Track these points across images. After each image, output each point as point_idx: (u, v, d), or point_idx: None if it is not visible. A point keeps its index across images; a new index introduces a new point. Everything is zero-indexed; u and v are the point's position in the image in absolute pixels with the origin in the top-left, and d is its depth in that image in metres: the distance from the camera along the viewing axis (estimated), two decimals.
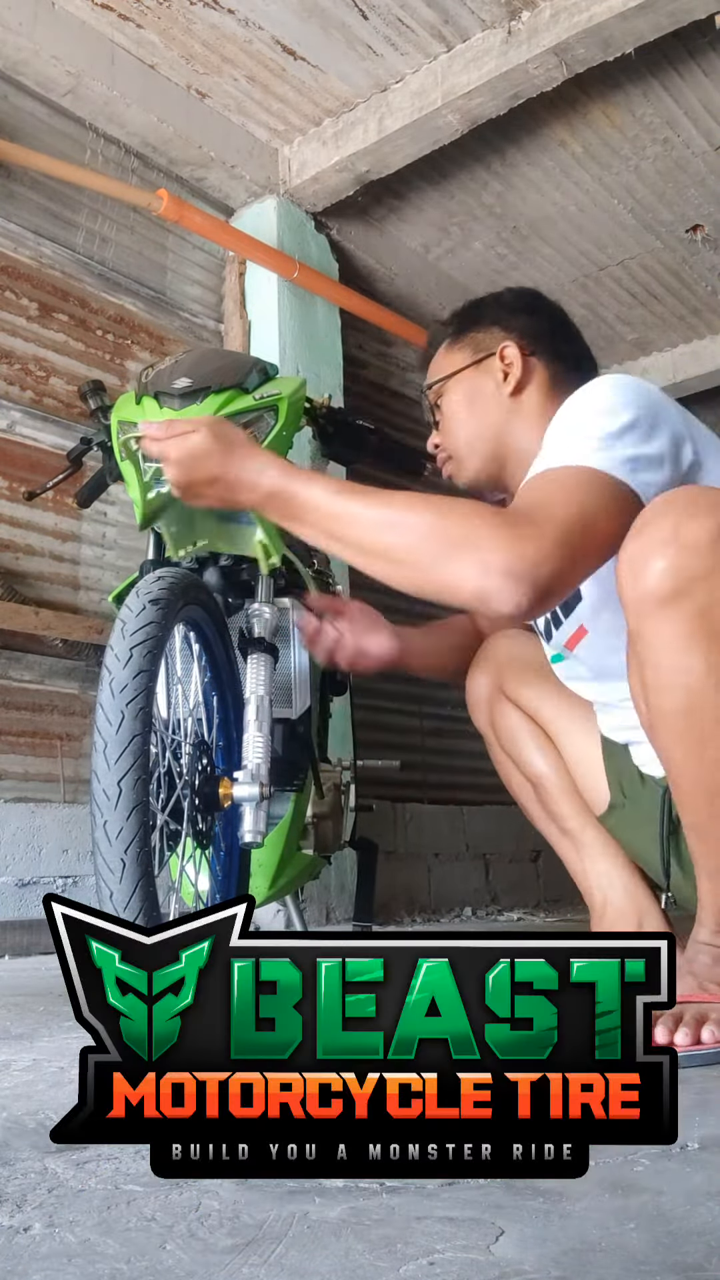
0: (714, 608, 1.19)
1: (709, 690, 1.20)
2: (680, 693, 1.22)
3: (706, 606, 1.19)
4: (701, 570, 1.19)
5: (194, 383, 1.65)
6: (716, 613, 1.19)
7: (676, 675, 1.21)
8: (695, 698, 1.21)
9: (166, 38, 3.45)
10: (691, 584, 1.19)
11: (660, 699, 1.24)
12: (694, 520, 1.20)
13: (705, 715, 1.20)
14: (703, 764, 1.22)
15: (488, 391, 1.63)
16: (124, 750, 1.30)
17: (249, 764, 1.56)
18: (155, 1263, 0.64)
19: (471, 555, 1.20)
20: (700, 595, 1.19)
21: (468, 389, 1.65)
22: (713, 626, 1.19)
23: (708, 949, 1.25)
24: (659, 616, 1.21)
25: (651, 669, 1.25)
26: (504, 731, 1.80)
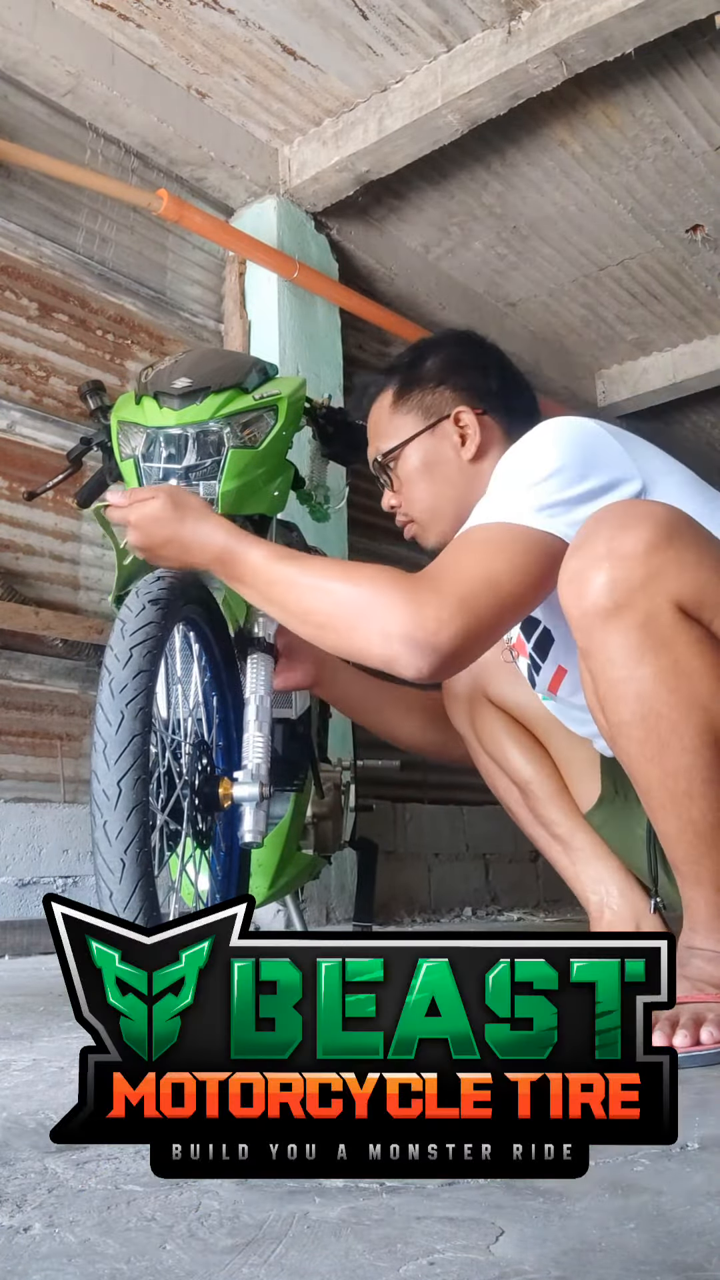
0: (656, 615, 1.20)
1: (662, 697, 1.21)
2: (634, 703, 1.22)
3: (649, 615, 1.20)
4: (639, 580, 1.20)
5: (194, 383, 1.65)
6: (659, 620, 1.20)
7: (628, 686, 1.22)
8: (649, 706, 1.21)
9: (166, 38, 3.45)
10: (631, 595, 1.20)
11: (616, 711, 1.25)
12: (627, 531, 1.21)
13: (661, 723, 1.21)
14: (665, 771, 1.23)
15: (446, 457, 1.64)
16: (124, 750, 1.30)
17: (249, 764, 1.56)
18: (155, 1263, 0.64)
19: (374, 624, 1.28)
20: (641, 605, 1.20)
21: (424, 455, 1.65)
22: (658, 634, 1.20)
23: (700, 952, 1.25)
24: (604, 630, 1.22)
25: (604, 683, 1.26)
26: (486, 734, 1.79)
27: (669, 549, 1.20)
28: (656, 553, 1.20)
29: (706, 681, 1.21)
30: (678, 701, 1.20)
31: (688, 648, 1.21)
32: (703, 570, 1.22)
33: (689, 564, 1.21)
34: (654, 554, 1.20)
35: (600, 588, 1.21)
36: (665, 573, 1.20)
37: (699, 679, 1.20)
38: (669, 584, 1.20)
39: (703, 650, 1.21)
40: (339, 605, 1.32)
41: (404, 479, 1.69)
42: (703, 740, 1.20)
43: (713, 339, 5.57)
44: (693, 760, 1.21)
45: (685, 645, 1.21)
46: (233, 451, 1.62)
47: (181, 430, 1.63)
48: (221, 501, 1.62)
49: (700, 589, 1.21)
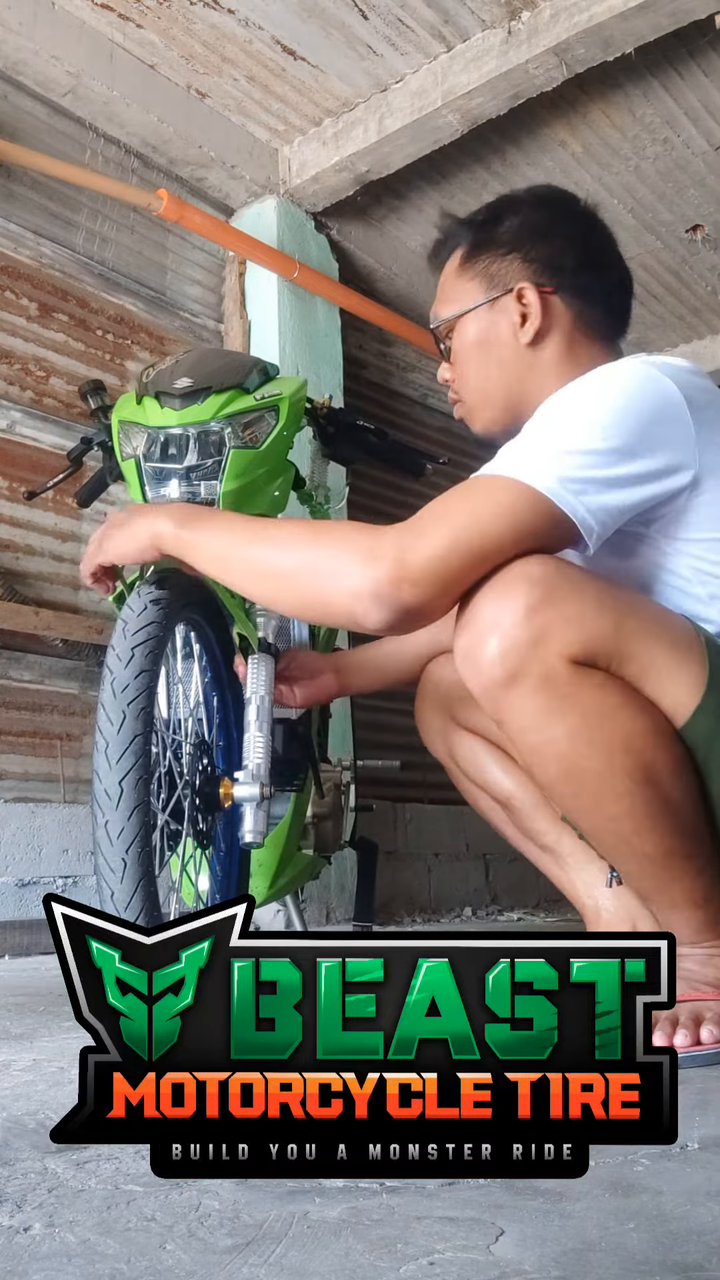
0: (551, 675, 1.19)
1: (581, 751, 1.20)
2: (556, 762, 1.22)
3: (544, 676, 1.19)
4: (526, 644, 1.18)
5: (195, 383, 1.65)
6: (556, 678, 1.19)
7: (547, 748, 1.21)
8: (571, 763, 1.21)
9: (166, 38, 3.45)
10: (522, 660, 1.19)
11: (543, 773, 1.25)
12: (504, 600, 1.19)
13: (588, 775, 1.21)
14: (607, 819, 1.23)
15: (504, 337, 1.49)
16: (125, 750, 1.30)
17: (250, 764, 1.56)
18: (155, 1263, 0.64)
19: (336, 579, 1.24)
20: (535, 668, 1.19)
21: (481, 329, 1.50)
22: (559, 691, 1.19)
23: (693, 955, 1.26)
24: (508, 699, 1.21)
25: (523, 749, 1.25)
26: (465, 760, 1.78)
27: (548, 607, 1.18)
28: (536, 613, 1.18)
29: (621, 723, 1.20)
30: (597, 751, 1.20)
31: (591, 696, 1.20)
32: (586, 619, 1.20)
33: (572, 617, 1.19)
34: (534, 615, 1.18)
35: (493, 660, 1.19)
36: (550, 631, 1.18)
37: (612, 724, 1.20)
38: (556, 642, 1.18)
39: (607, 694, 1.20)
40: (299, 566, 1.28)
41: (458, 353, 1.54)
42: (633, 780, 1.20)
43: (713, 339, 5.57)
44: (630, 802, 1.20)
45: (589, 694, 1.20)
46: (234, 452, 1.62)
47: (183, 430, 1.63)
48: (223, 501, 1.62)
49: (589, 637, 1.20)
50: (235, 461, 1.62)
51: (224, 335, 3.98)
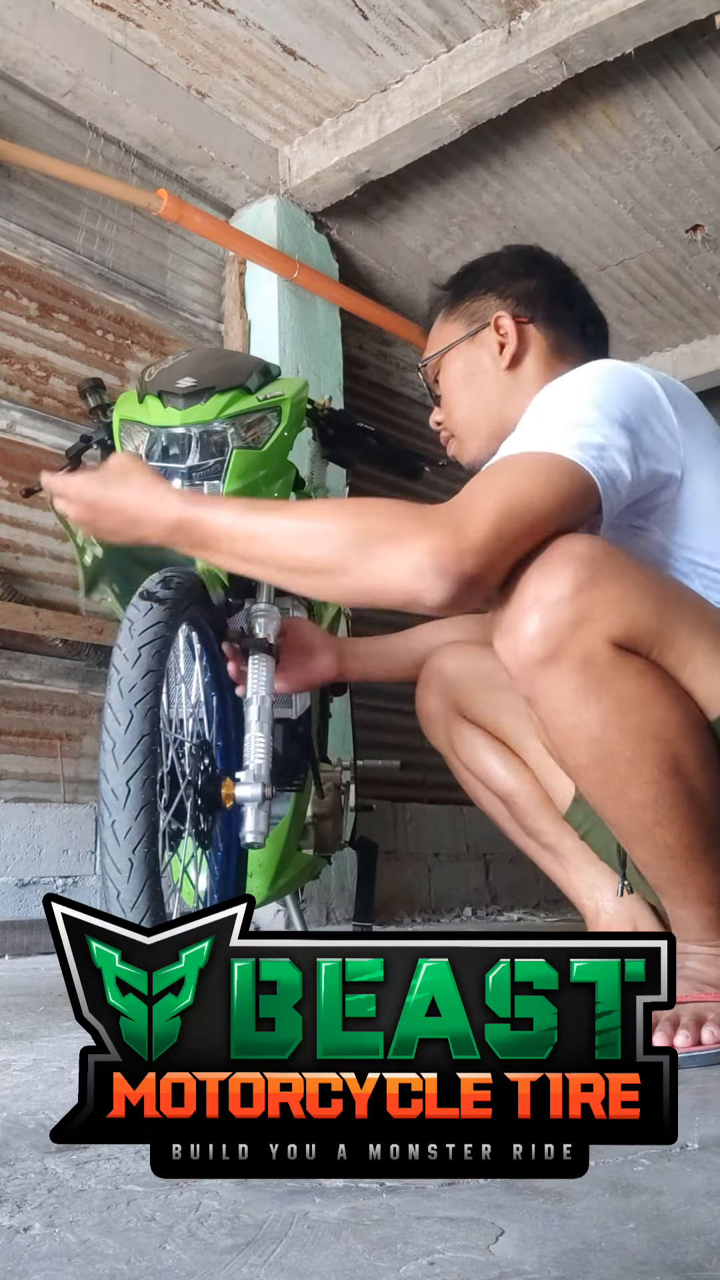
0: (592, 657, 1.18)
1: (613, 737, 1.19)
2: (587, 746, 1.21)
3: (585, 658, 1.18)
4: (570, 623, 1.17)
5: (198, 382, 1.65)
6: (596, 661, 1.18)
7: (578, 731, 1.21)
8: (602, 748, 1.20)
9: (166, 38, 3.45)
10: (564, 640, 1.18)
11: (572, 756, 1.24)
12: (551, 578, 1.18)
13: (618, 762, 1.20)
14: (632, 807, 1.22)
15: (484, 365, 1.56)
16: (133, 750, 1.30)
17: (251, 764, 1.56)
18: (155, 1263, 0.64)
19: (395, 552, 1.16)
20: (575, 649, 1.18)
21: (464, 363, 1.58)
22: (597, 675, 1.18)
23: (696, 954, 1.26)
24: (545, 678, 1.20)
25: (554, 730, 1.24)
26: (465, 751, 1.78)
27: (594, 588, 1.18)
28: (582, 594, 1.18)
29: (654, 711, 1.20)
30: (629, 738, 1.19)
31: (629, 682, 1.19)
32: (630, 603, 1.20)
33: (616, 600, 1.19)
34: (580, 595, 1.17)
35: (533, 638, 1.19)
36: (594, 613, 1.18)
37: (646, 711, 1.19)
38: (600, 623, 1.18)
39: (644, 682, 1.20)
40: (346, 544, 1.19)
41: (446, 390, 1.61)
42: (661, 770, 1.20)
43: (713, 339, 5.57)
44: (656, 791, 1.20)
45: (626, 681, 1.19)
46: (237, 452, 1.62)
47: (186, 430, 1.63)
48: None
49: (631, 622, 1.19)
50: (238, 462, 1.62)
51: (224, 335, 3.98)
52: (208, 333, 3.95)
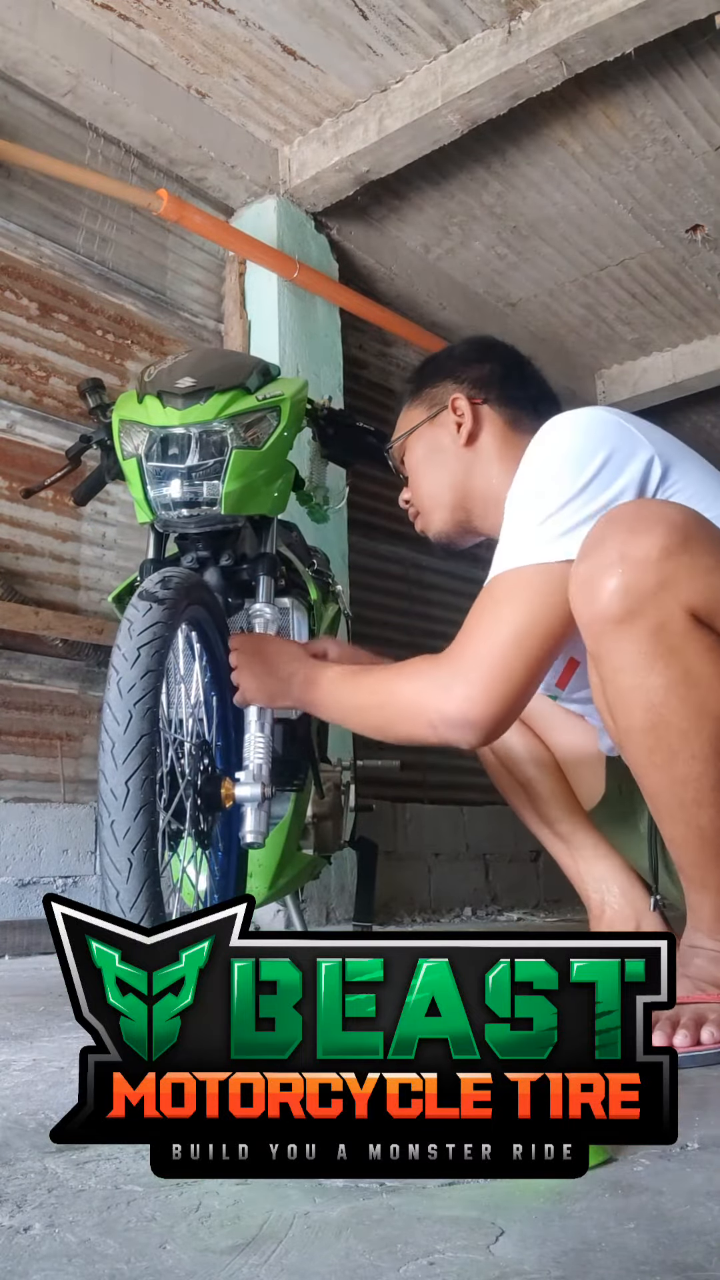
0: (668, 623, 1.18)
1: (672, 706, 1.19)
2: (643, 711, 1.21)
3: (660, 623, 1.18)
4: (652, 586, 1.18)
5: (197, 382, 1.65)
6: (671, 628, 1.18)
7: (638, 694, 1.21)
8: (658, 715, 1.20)
9: (166, 38, 3.45)
10: (643, 602, 1.18)
11: (626, 718, 1.24)
12: (640, 536, 1.19)
13: (671, 731, 1.20)
14: (674, 780, 1.22)
15: (444, 444, 1.66)
16: (132, 750, 1.30)
17: (250, 764, 1.56)
18: (155, 1263, 0.64)
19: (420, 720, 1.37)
20: (652, 612, 1.18)
21: (426, 444, 1.69)
22: (669, 642, 1.18)
23: (703, 951, 1.26)
24: (615, 636, 1.20)
25: (613, 689, 1.24)
26: None
27: (683, 554, 1.18)
28: (670, 558, 1.17)
29: (717, 691, 1.19)
30: (688, 711, 1.19)
31: (699, 656, 1.19)
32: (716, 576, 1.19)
33: (702, 569, 1.18)
34: (667, 560, 1.17)
35: (612, 594, 1.19)
36: (678, 579, 1.17)
37: (709, 688, 1.19)
38: (682, 591, 1.18)
39: (714, 659, 1.19)
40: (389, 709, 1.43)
41: (410, 469, 1.73)
42: (713, 749, 1.19)
43: (713, 339, 5.57)
44: (703, 769, 1.20)
45: (697, 654, 1.19)
46: (236, 452, 1.62)
47: (185, 430, 1.63)
48: (224, 501, 1.62)
49: (714, 595, 1.19)
50: (237, 462, 1.62)
51: (224, 335, 3.98)
52: (208, 333, 3.95)
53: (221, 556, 1.76)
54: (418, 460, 1.71)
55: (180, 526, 1.70)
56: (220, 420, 1.62)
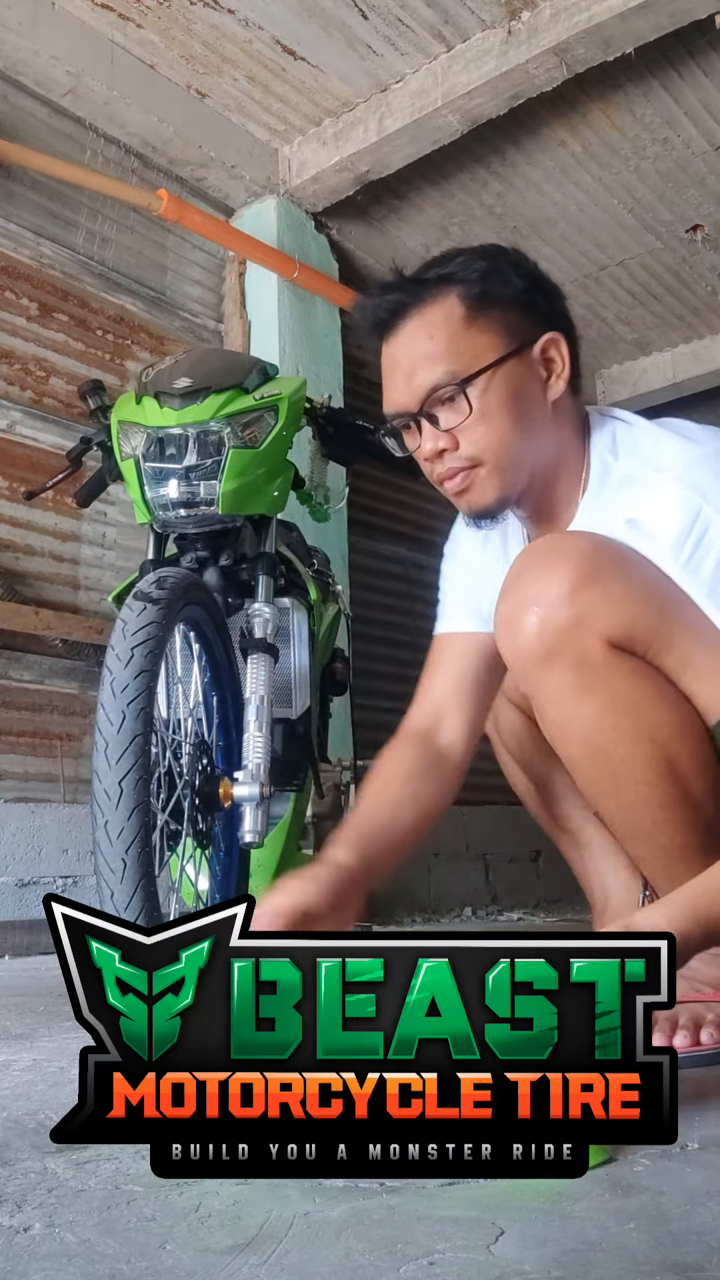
0: (587, 655, 1.18)
1: (606, 734, 1.19)
2: (578, 742, 1.21)
3: (580, 656, 1.18)
4: (567, 622, 1.17)
5: (195, 382, 1.65)
6: (591, 659, 1.18)
7: (571, 726, 1.21)
8: (594, 744, 1.20)
9: (166, 38, 3.45)
10: (560, 637, 1.18)
11: (566, 750, 1.24)
12: (551, 573, 1.18)
13: (610, 760, 1.20)
14: (623, 804, 1.22)
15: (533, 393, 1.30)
16: (125, 750, 1.30)
17: (249, 764, 1.56)
18: (155, 1263, 0.64)
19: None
20: (571, 646, 1.18)
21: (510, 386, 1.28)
22: (592, 673, 1.18)
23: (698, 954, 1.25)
24: (540, 674, 1.20)
25: (549, 724, 1.24)
26: (506, 732, 1.79)
27: (594, 585, 1.17)
28: (581, 591, 1.17)
29: (648, 713, 1.19)
30: (621, 737, 1.19)
31: (624, 682, 1.19)
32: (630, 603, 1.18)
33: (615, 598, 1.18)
34: (579, 593, 1.17)
35: (530, 632, 1.19)
36: (591, 611, 1.17)
37: (640, 712, 1.19)
38: (596, 622, 1.17)
39: (639, 683, 1.19)
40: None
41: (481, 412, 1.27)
42: (654, 770, 1.19)
43: (713, 339, 5.57)
44: (649, 791, 1.20)
45: (621, 680, 1.19)
46: (233, 451, 1.62)
47: (182, 430, 1.63)
48: (222, 501, 1.62)
49: (629, 623, 1.18)
50: (234, 461, 1.62)
51: (224, 335, 3.98)
52: (208, 333, 3.95)
53: (221, 556, 1.76)
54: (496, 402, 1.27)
55: (179, 527, 1.70)
56: (217, 420, 1.63)
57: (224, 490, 1.61)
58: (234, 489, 1.62)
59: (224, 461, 1.62)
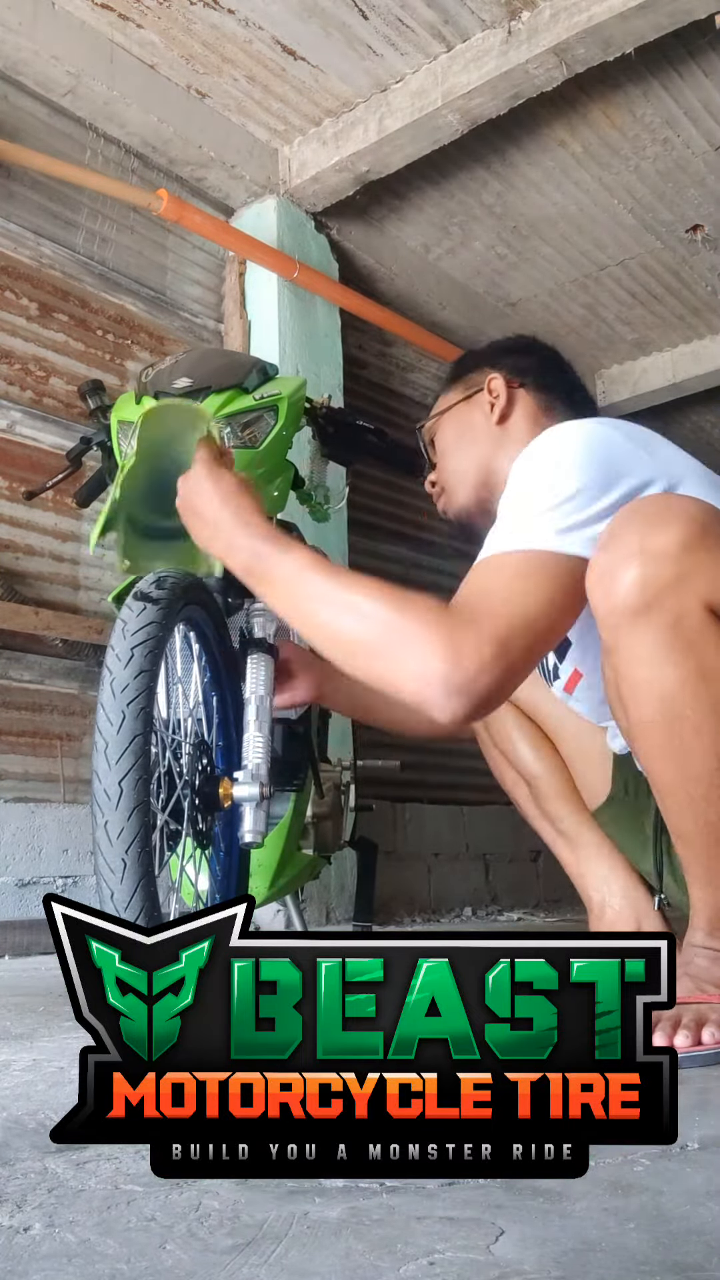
0: (685, 617, 1.17)
1: (686, 701, 1.19)
2: (657, 703, 1.20)
3: (678, 616, 1.17)
4: (670, 579, 1.17)
5: (194, 382, 1.65)
6: (688, 622, 1.18)
7: (653, 687, 1.20)
8: (672, 709, 1.19)
9: (166, 38, 3.45)
10: (661, 594, 1.17)
11: (638, 711, 1.23)
12: (661, 529, 1.18)
13: (684, 727, 1.19)
14: (685, 775, 1.21)
15: (477, 422, 1.67)
16: (125, 750, 1.30)
17: (249, 764, 1.56)
18: (155, 1263, 0.64)
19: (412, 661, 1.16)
20: (671, 605, 1.17)
21: (459, 423, 1.70)
22: (686, 636, 1.18)
23: (704, 951, 1.25)
24: (632, 629, 1.20)
25: (628, 682, 1.24)
26: (497, 729, 1.79)
27: (702, 548, 1.17)
28: (689, 552, 1.17)
29: None
30: (701, 706, 1.18)
31: (715, 651, 1.18)
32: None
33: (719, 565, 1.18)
34: (687, 553, 1.17)
35: (630, 585, 1.18)
36: (698, 572, 1.17)
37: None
38: (701, 584, 1.17)
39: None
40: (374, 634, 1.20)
41: (440, 449, 1.74)
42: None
43: (713, 339, 5.57)
44: (716, 764, 1.19)
45: (713, 649, 1.18)
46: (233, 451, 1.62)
47: None
48: None
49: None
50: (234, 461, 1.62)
51: (224, 335, 3.98)
52: (208, 333, 3.95)
53: None
54: (447, 440, 1.72)
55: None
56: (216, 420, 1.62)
57: None
58: None
59: None
